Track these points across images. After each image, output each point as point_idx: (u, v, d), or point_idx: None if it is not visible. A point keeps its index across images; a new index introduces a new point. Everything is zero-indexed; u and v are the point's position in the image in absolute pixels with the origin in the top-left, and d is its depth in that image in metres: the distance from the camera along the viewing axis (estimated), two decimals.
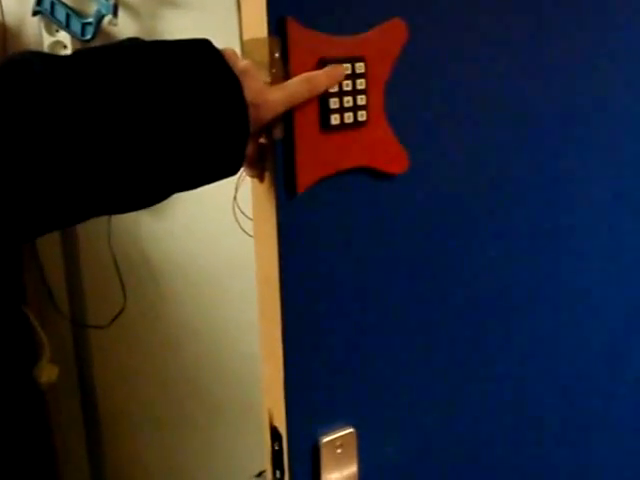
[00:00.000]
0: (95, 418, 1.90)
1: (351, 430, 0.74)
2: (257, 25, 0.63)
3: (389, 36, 0.68)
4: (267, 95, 0.61)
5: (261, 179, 0.67)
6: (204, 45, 0.59)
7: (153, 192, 0.57)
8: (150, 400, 1.77)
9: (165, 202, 0.59)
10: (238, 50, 0.63)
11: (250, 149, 0.65)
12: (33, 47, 1.56)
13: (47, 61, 0.52)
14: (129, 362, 1.77)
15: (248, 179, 0.70)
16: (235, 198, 1.05)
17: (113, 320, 1.66)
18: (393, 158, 0.71)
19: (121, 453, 1.91)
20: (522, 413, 0.91)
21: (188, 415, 1.70)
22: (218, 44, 0.60)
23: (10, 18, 1.57)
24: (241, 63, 0.61)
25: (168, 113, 0.55)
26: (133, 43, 0.57)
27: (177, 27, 1.40)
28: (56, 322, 1.80)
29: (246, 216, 1.05)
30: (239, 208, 1.06)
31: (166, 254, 1.59)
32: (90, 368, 1.85)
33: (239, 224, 1.08)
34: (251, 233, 0.71)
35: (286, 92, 0.62)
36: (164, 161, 0.55)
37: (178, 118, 0.55)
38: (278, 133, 0.64)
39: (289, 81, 0.63)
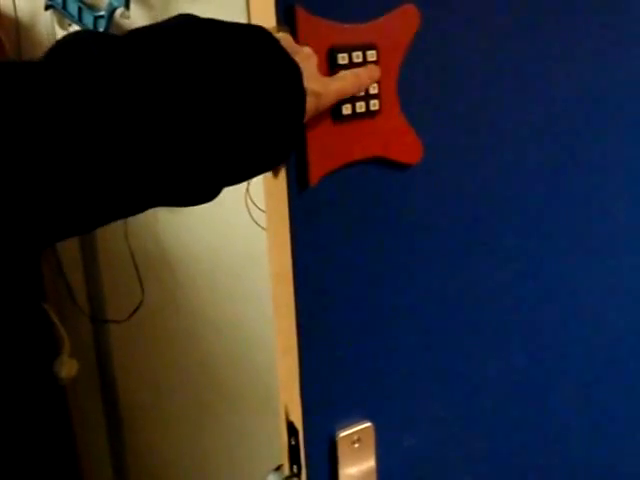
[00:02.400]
0: (115, 411, 1.91)
1: (369, 424, 0.74)
2: (266, 14, 0.61)
3: (401, 23, 0.66)
4: (328, 85, 0.61)
5: (274, 173, 0.66)
6: (260, 32, 0.57)
7: (207, 183, 0.55)
8: (170, 392, 1.77)
9: None
10: None
11: None
12: (46, 42, 1.56)
13: (104, 42, 0.50)
14: (148, 355, 1.78)
15: None
16: (247, 190, 1.04)
17: (132, 314, 1.66)
18: (407, 147, 0.70)
19: (142, 445, 1.93)
20: (541, 403, 0.90)
21: (207, 407, 1.71)
22: None
23: (22, 13, 1.58)
24: (304, 50, 0.60)
25: (228, 101, 0.53)
26: (189, 21, 0.55)
27: None
28: (75, 317, 1.80)
29: (258, 208, 1.04)
30: (252, 200, 1.05)
31: (183, 247, 1.59)
32: (110, 362, 1.86)
33: (251, 216, 1.07)
34: (263, 225, 0.70)
35: (341, 83, 0.62)
36: (218, 148, 0.53)
37: (237, 106, 0.53)
38: None
39: (342, 73, 0.63)
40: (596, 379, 0.94)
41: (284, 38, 0.59)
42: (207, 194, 0.56)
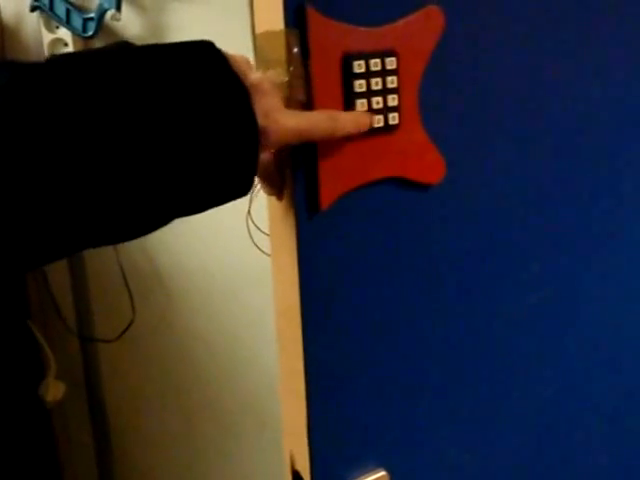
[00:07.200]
0: (104, 435, 1.87)
1: (383, 473, 0.68)
2: (272, 16, 0.55)
3: (424, 26, 0.59)
4: (279, 118, 0.51)
5: (280, 197, 0.59)
6: (206, 48, 0.49)
7: (149, 219, 0.49)
8: (161, 415, 1.73)
9: None
10: (250, 47, 0.54)
11: (267, 164, 0.57)
12: (32, 46, 1.51)
13: (15, 70, 0.44)
14: (139, 376, 1.74)
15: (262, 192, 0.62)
16: (249, 212, 0.98)
17: (122, 334, 1.62)
18: (428, 166, 0.63)
19: (132, 470, 1.88)
20: (568, 446, 0.83)
21: (200, 430, 1.67)
22: (229, 39, 0.52)
23: (7, 15, 1.52)
24: (254, 75, 0.52)
25: (162, 128, 0.46)
26: (121, 47, 0.48)
27: (185, 21, 1.33)
28: (62, 337, 1.76)
29: (261, 230, 0.98)
30: (253, 222, 0.99)
31: (176, 265, 1.54)
32: (99, 383, 1.82)
33: (252, 240, 1.01)
34: (264, 248, 0.63)
35: (303, 122, 0.53)
36: (159, 183, 0.46)
37: (174, 134, 0.46)
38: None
39: (311, 112, 0.54)
40: (630, 413, 0.87)
41: (237, 59, 0.51)
42: (148, 227, 0.50)
